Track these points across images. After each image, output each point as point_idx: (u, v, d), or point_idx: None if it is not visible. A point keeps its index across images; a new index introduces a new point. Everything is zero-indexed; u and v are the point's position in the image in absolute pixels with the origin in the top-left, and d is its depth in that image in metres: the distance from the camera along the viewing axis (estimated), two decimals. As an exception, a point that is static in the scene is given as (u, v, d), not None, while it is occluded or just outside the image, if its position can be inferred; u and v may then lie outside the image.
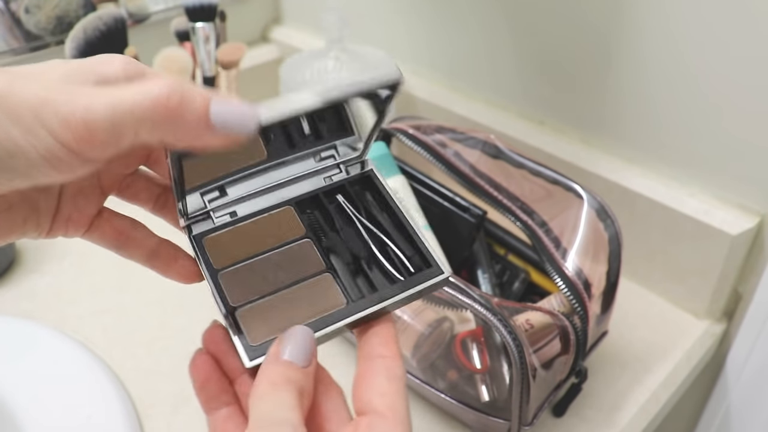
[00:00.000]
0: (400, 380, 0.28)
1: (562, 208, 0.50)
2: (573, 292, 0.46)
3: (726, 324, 0.61)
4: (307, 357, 0.27)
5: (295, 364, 0.27)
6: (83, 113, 0.22)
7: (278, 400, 0.26)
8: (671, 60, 0.55)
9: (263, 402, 0.26)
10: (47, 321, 0.61)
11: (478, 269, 0.56)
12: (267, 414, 0.25)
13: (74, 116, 0.22)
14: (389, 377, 0.28)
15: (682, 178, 0.59)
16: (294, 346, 0.28)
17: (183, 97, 0.23)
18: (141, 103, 0.22)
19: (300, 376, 0.27)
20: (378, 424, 0.26)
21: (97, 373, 0.55)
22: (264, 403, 0.26)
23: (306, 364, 0.27)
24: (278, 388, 0.26)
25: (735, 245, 0.55)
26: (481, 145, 0.54)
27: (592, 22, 0.59)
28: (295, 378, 0.27)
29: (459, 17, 0.70)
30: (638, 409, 0.53)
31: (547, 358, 0.46)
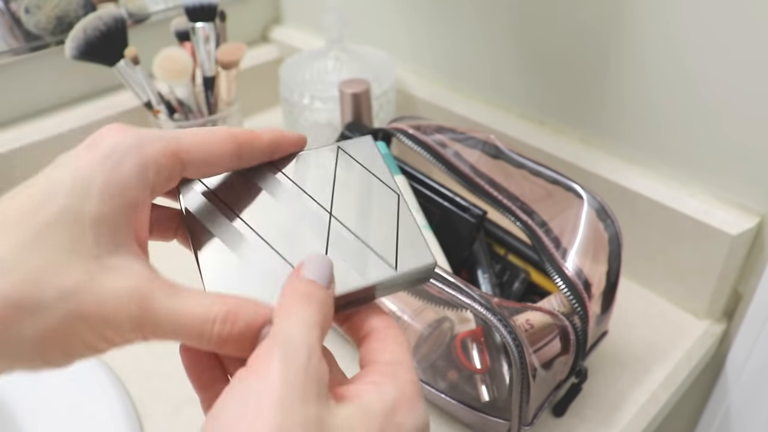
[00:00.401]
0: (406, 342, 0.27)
1: (562, 208, 0.50)
2: (573, 292, 0.46)
3: (726, 324, 0.61)
4: (328, 278, 0.26)
5: (318, 283, 0.26)
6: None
7: (303, 315, 0.24)
8: (671, 61, 0.55)
9: (288, 317, 0.24)
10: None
11: (478, 269, 0.55)
12: (273, 330, 0.24)
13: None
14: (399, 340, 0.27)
15: (682, 178, 0.59)
16: (316, 267, 0.26)
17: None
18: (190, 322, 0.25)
19: (324, 295, 0.26)
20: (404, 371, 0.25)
21: (97, 373, 0.55)
22: (289, 317, 0.24)
23: (327, 284, 0.26)
24: (304, 302, 0.25)
25: (735, 245, 0.55)
26: (481, 145, 0.54)
27: (592, 22, 0.59)
28: (319, 296, 0.25)
29: (459, 17, 0.70)
30: (638, 409, 0.53)
31: (547, 358, 0.46)
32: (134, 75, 0.70)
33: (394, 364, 0.25)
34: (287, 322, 0.24)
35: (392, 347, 0.26)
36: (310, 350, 0.23)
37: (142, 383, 0.55)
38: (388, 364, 0.25)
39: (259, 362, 0.22)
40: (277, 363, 0.22)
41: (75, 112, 0.78)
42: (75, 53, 0.65)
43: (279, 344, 0.22)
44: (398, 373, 0.25)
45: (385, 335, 0.27)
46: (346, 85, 0.65)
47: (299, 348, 0.22)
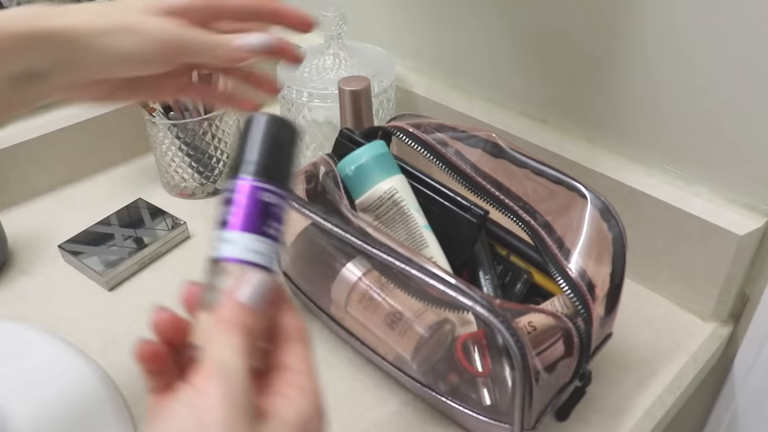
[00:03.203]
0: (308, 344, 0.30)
1: (566, 208, 0.50)
2: (576, 293, 0.46)
3: (733, 326, 0.60)
4: (261, 302, 0.29)
5: (250, 310, 0.28)
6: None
7: (236, 343, 0.27)
8: (677, 57, 0.54)
9: (222, 345, 0.27)
10: (40, 323, 0.60)
11: (480, 270, 0.55)
12: (210, 354, 0.27)
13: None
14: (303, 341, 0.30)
15: (688, 177, 0.58)
16: (251, 290, 0.29)
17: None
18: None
19: (254, 322, 0.28)
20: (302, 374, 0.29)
21: (90, 376, 0.54)
22: (222, 346, 0.27)
23: (261, 308, 0.29)
24: (236, 331, 0.27)
25: (742, 246, 0.54)
26: (483, 143, 0.54)
27: (596, 19, 0.58)
28: (249, 324, 0.28)
29: (460, 13, 0.70)
30: (643, 413, 0.52)
31: (550, 360, 0.45)
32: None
33: (299, 373, 0.29)
34: (222, 350, 0.27)
35: (299, 350, 0.30)
36: (245, 376, 0.26)
37: (136, 386, 0.55)
38: (295, 374, 0.29)
39: (203, 384, 0.26)
40: (218, 387, 0.25)
41: (67, 111, 0.78)
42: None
43: (218, 371, 0.26)
44: (305, 386, 0.28)
45: (293, 335, 0.30)
46: (345, 82, 0.64)
47: (237, 374, 0.26)
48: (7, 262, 0.68)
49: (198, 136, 0.73)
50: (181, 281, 0.31)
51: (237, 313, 0.28)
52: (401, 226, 0.53)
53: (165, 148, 0.74)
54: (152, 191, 0.78)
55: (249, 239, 0.30)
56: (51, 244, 0.69)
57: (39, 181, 0.78)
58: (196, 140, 0.73)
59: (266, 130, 0.32)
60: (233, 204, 0.31)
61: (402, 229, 0.53)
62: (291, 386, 0.28)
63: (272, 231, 0.31)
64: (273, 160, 0.32)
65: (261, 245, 0.30)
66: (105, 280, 0.64)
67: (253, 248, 0.30)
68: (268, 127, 0.32)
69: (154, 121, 0.72)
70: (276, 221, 0.31)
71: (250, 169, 0.31)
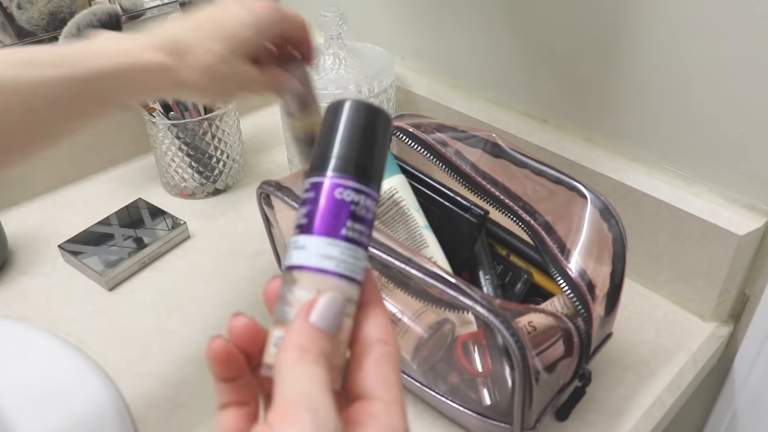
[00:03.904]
0: (399, 371, 0.27)
1: (566, 208, 0.50)
2: (576, 293, 0.46)
3: (733, 326, 0.60)
4: (336, 326, 0.26)
5: (324, 331, 0.25)
6: None
7: (318, 374, 0.24)
8: (677, 57, 0.54)
9: (303, 376, 0.24)
10: (40, 323, 0.60)
11: (480, 270, 0.55)
12: (309, 393, 0.23)
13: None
14: (394, 368, 0.26)
15: (688, 177, 0.58)
16: (326, 311, 0.25)
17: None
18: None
19: (329, 348, 0.25)
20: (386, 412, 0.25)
21: (90, 376, 0.54)
22: (303, 376, 0.24)
23: (334, 333, 0.25)
24: (317, 361, 0.24)
25: (742, 246, 0.54)
26: (483, 143, 0.54)
27: (596, 18, 0.58)
28: (326, 350, 0.25)
29: (460, 13, 0.70)
30: (643, 413, 0.52)
31: (550, 360, 0.45)
32: (129, 72, 0.69)
33: (384, 405, 0.25)
34: (304, 381, 0.23)
35: (384, 373, 0.26)
36: (336, 420, 0.23)
37: (136, 386, 0.55)
38: (378, 406, 0.25)
39: (291, 429, 0.22)
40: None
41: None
42: (69, 50, 0.64)
43: (306, 411, 0.22)
44: (393, 428, 0.25)
45: (381, 358, 0.26)
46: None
47: (327, 417, 0.22)
48: (7, 261, 0.68)
49: (198, 136, 0.73)
50: (180, 281, 0.31)
51: (313, 338, 0.25)
52: (401, 225, 0.53)
53: (165, 148, 0.74)
54: (152, 191, 0.78)
55: (323, 244, 0.26)
56: (51, 244, 0.69)
57: (39, 181, 0.78)
58: (196, 140, 0.73)
59: (350, 117, 0.28)
60: (308, 204, 0.27)
61: (402, 229, 0.53)
62: (378, 425, 0.25)
63: (354, 234, 0.27)
64: (355, 153, 0.28)
65: (338, 250, 0.26)
66: (105, 280, 0.64)
67: (327, 254, 0.26)
68: (352, 114, 0.28)
69: (154, 121, 0.72)
70: (359, 223, 0.27)
71: (328, 163, 0.27)
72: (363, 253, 0.27)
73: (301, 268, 0.26)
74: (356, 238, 0.27)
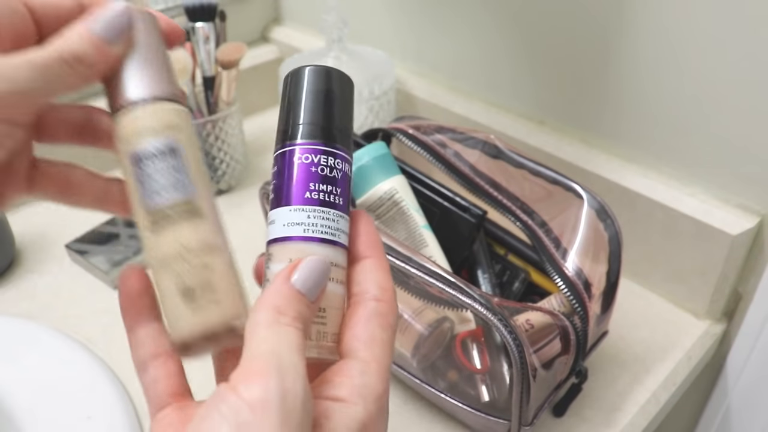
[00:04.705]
0: (392, 331, 0.25)
1: (562, 208, 0.50)
2: (573, 292, 0.46)
3: (726, 324, 0.61)
4: (318, 291, 0.24)
5: (307, 298, 0.24)
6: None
7: (293, 338, 0.22)
8: (671, 59, 0.55)
9: (278, 337, 0.22)
10: (47, 321, 0.61)
11: (478, 269, 0.55)
12: (280, 357, 0.21)
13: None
14: (383, 326, 0.25)
15: (683, 177, 0.59)
16: (308, 274, 0.24)
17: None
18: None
19: (310, 313, 0.24)
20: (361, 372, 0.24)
21: (96, 373, 0.54)
22: (278, 338, 0.22)
23: (315, 298, 0.24)
24: (294, 322, 0.23)
25: (735, 245, 0.55)
26: (481, 145, 0.54)
27: (592, 21, 0.59)
28: (306, 315, 0.23)
29: (459, 17, 0.70)
30: (638, 409, 0.53)
31: (547, 358, 0.46)
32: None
33: (362, 374, 0.24)
34: (275, 342, 0.22)
35: (373, 332, 0.25)
36: (304, 384, 0.21)
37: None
38: (356, 376, 0.24)
39: (254, 390, 0.20)
40: (274, 403, 0.20)
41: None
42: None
43: (273, 373, 0.21)
44: (365, 390, 0.23)
45: (371, 315, 0.25)
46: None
47: (295, 381, 0.21)
48: (14, 261, 0.69)
49: (201, 137, 0.74)
50: None
51: (290, 300, 0.23)
52: (401, 225, 0.53)
53: (168, 149, 0.74)
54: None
55: (287, 212, 0.26)
56: (58, 244, 0.70)
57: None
58: (200, 141, 0.74)
59: (297, 85, 0.27)
60: (273, 178, 0.27)
61: (402, 229, 0.53)
62: (350, 389, 0.23)
63: (320, 195, 0.26)
64: (307, 117, 0.27)
65: (303, 215, 0.25)
66: (111, 278, 0.65)
67: (293, 220, 0.25)
68: (299, 81, 0.27)
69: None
70: (326, 183, 0.26)
71: (285, 134, 0.27)
72: (337, 212, 0.26)
73: (273, 241, 0.26)
74: (324, 199, 0.26)
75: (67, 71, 0.24)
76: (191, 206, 0.25)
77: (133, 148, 0.25)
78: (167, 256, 0.24)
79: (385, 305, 0.26)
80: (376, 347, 0.24)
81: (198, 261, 0.24)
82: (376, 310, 0.25)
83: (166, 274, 0.25)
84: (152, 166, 0.25)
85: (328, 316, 0.25)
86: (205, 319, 0.24)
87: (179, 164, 0.25)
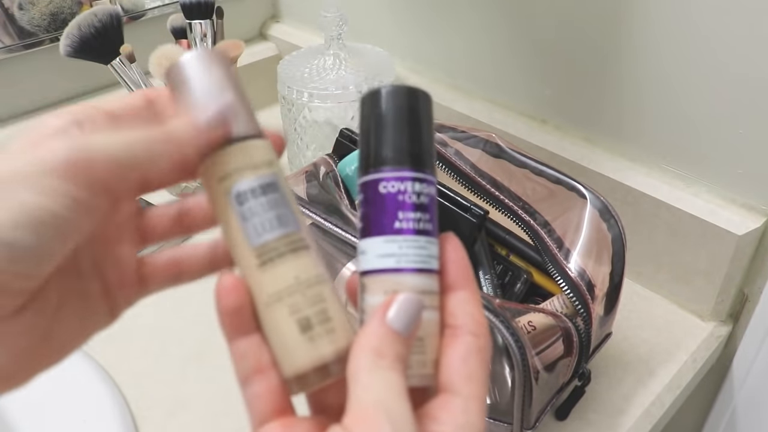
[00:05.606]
0: (488, 367, 0.26)
1: (565, 208, 0.50)
2: (576, 293, 0.46)
3: (732, 326, 0.60)
4: (413, 328, 0.24)
5: (399, 333, 0.24)
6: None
7: (397, 381, 0.23)
8: (676, 58, 0.54)
9: (381, 382, 0.23)
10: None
11: (480, 270, 0.55)
12: (388, 402, 0.22)
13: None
14: (481, 363, 0.25)
15: (687, 177, 0.58)
16: (404, 313, 0.24)
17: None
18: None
19: (406, 352, 0.24)
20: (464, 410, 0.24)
21: (92, 376, 0.54)
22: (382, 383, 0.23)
23: (409, 335, 0.24)
24: (395, 366, 0.23)
25: (741, 246, 0.54)
26: (483, 144, 0.54)
27: (595, 19, 0.58)
28: (403, 355, 0.24)
29: (460, 14, 0.70)
30: (642, 412, 0.52)
31: (549, 360, 0.45)
32: (130, 73, 0.70)
33: (465, 411, 0.24)
34: (381, 389, 0.23)
35: (472, 370, 0.25)
36: (413, 427, 0.22)
37: (137, 386, 0.55)
38: (459, 414, 0.24)
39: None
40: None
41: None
42: (70, 50, 0.64)
43: (385, 421, 0.22)
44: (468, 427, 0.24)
45: (469, 353, 0.25)
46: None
47: (405, 427, 0.22)
48: (8, 261, 0.68)
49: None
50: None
51: (388, 341, 0.24)
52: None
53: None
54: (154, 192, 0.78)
55: (379, 243, 0.26)
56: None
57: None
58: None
59: (379, 107, 0.27)
60: (361, 206, 0.27)
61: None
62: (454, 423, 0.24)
63: (409, 224, 0.26)
64: (391, 142, 0.26)
65: (395, 246, 0.25)
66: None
67: (385, 252, 0.25)
68: (381, 103, 0.27)
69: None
70: (414, 210, 0.26)
71: (368, 160, 0.26)
72: (427, 239, 0.26)
73: (366, 273, 0.26)
74: (414, 228, 0.26)
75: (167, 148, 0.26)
76: (297, 238, 0.26)
77: (235, 186, 0.26)
78: (280, 291, 0.25)
79: (483, 341, 0.26)
80: (476, 384, 0.25)
81: (312, 292, 0.25)
82: (476, 345, 0.25)
83: (279, 309, 0.25)
84: (256, 201, 0.25)
85: (425, 345, 0.26)
86: (322, 348, 0.24)
87: (281, 198, 0.26)
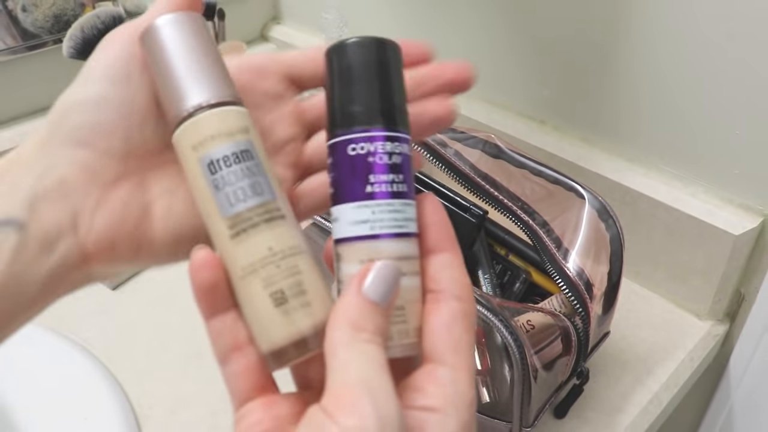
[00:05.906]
0: (474, 332, 0.24)
1: (564, 208, 0.50)
2: (574, 292, 0.46)
3: (728, 325, 0.61)
4: (391, 298, 0.23)
5: (381, 306, 0.22)
6: None
7: (376, 355, 0.21)
8: (674, 59, 0.54)
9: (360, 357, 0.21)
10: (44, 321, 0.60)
11: (479, 270, 0.55)
12: (367, 377, 0.21)
13: None
14: (467, 328, 0.24)
15: (685, 177, 0.59)
16: (380, 282, 0.23)
17: None
18: None
19: (386, 324, 0.23)
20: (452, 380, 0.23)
21: (94, 374, 0.54)
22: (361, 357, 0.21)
23: (387, 306, 0.23)
24: (374, 338, 0.22)
25: (738, 245, 0.55)
26: (482, 144, 0.54)
27: (593, 20, 0.58)
28: (383, 327, 0.22)
29: (459, 16, 0.70)
30: (640, 410, 0.53)
31: (548, 359, 0.46)
32: (132, 74, 0.70)
33: (453, 382, 0.23)
34: (361, 364, 0.21)
35: (458, 336, 0.23)
36: (396, 404, 0.21)
37: (139, 384, 0.55)
38: (447, 384, 0.23)
39: (351, 420, 0.20)
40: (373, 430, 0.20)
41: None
42: (73, 52, 0.65)
43: (366, 400, 0.20)
44: (458, 399, 0.22)
45: (454, 318, 0.24)
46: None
47: (388, 404, 0.20)
48: (11, 261, 0.68)
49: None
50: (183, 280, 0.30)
51: (366, 313, 0.22)
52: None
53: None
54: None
55: (351, 209, 0.24)
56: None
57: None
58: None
59: (339, 65, 0.25)
60: (330, 171, 0.25)
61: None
62: (443, 398, 0.22)
63: (382, 187, 0.24)
64: (356, 101, 0.24)
65: (368, 211, 0.24)
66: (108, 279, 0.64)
67: (358, 219, 0.24)
68: (340, 60, 0.25)
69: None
70: (387, 172, 0.24)
71: (334, 121, 0.25)
72: (403, 201, 0.24)
73: (340, 241, 0.24)
74: (387, 191, 0.24)
75: None
76: (273, 207, 0.24)
77: (207, 154, 0.24)
78: (253, 263, 0.23)
79: (468, 305, 0.24)
80: (464, 352, 0.23)
81: (286, 263, 0.23)
82: (461, 310, 0.24)
83: (253, 282, 0.23)
84: (229, 170, 0.24)
85: (407, 313, 0.24)
86: (299, 322, 0.23)
87: (255, 166, 0.24)
